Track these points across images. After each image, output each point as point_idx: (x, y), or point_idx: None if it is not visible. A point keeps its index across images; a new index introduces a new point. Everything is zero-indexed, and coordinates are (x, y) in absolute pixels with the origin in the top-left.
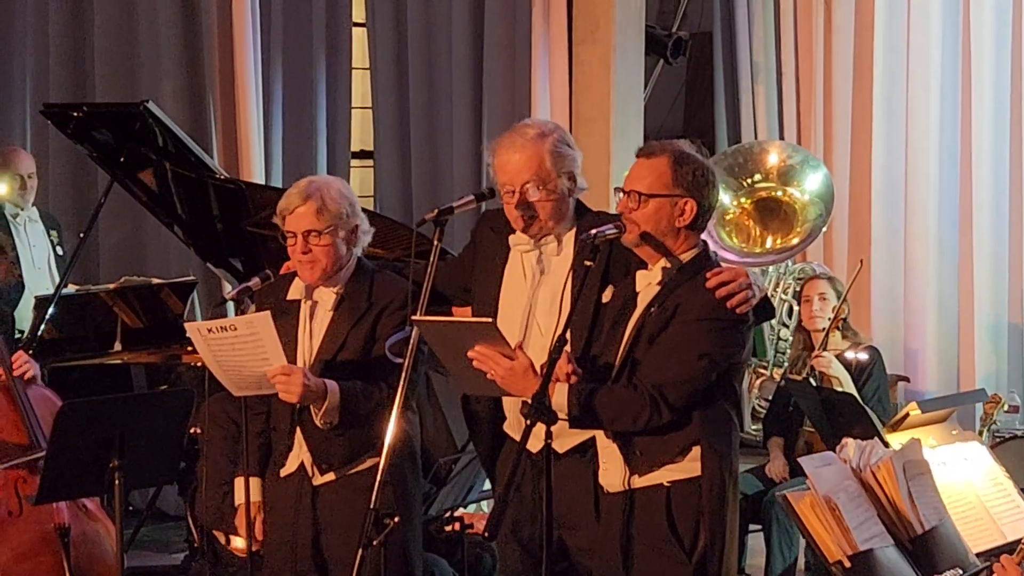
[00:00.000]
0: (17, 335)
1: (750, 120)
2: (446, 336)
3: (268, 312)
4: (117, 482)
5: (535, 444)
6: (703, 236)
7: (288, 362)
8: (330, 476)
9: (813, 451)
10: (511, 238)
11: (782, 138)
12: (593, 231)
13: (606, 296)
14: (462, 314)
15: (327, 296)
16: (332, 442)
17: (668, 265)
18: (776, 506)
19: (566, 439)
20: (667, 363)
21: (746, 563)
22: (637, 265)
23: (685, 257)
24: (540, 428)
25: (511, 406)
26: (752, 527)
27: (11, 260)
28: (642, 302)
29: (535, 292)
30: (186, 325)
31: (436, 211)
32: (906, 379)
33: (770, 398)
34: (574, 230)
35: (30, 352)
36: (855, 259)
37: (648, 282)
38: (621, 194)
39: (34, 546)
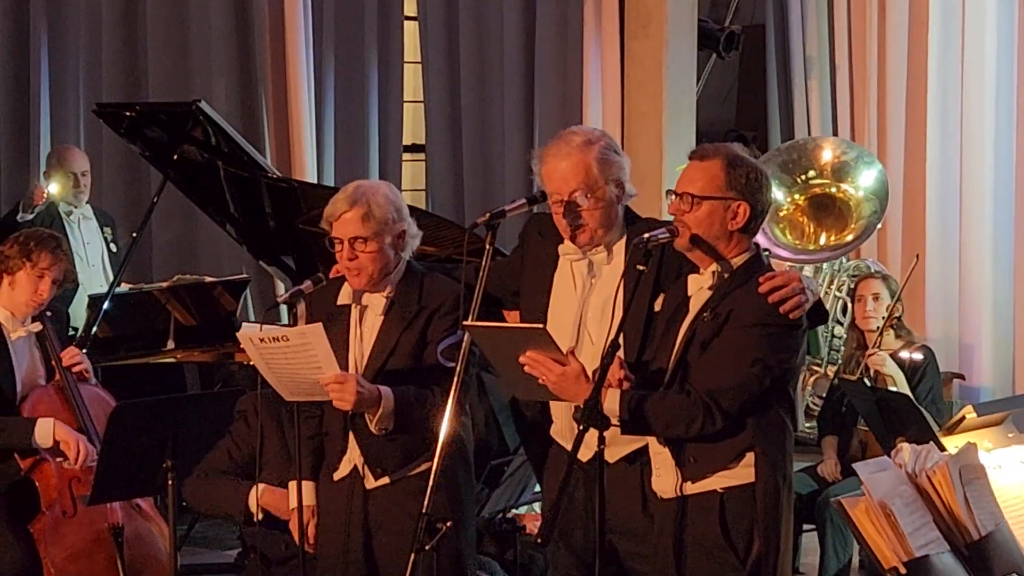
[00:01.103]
0: (71, 333)
1: (803, 115)
2: (498, 341)
3: (320, 324)
4: (170, 482)
5: (585, 453)
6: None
7: (339, 368)
8: (383, 480)
9: (867, 450)
10: (561, 247)
11: (835, 133)
12: (646, 235)
13: (659, 304)
14: (512, 317)
15: (377, 300)
16: (385, 446)
17: (720, 269)
18: (830, 507)
19: (616, 448)
20: (720, 369)
21: (800, 562)
22: (689, 270)
23: (737, 261)
24: (592, 436)
25: (559, 412)
26: (806, 527)
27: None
28: (694, 307)
29: (586, 300)
30: (239, 335)
31: (488, 215)
32: (961, 376)
33: (824, 395)
34: (624, 238)
35: (84, 351)
36: (909, 255)
37: (700, 286)
38: (673, 196)
39: (88, 546)
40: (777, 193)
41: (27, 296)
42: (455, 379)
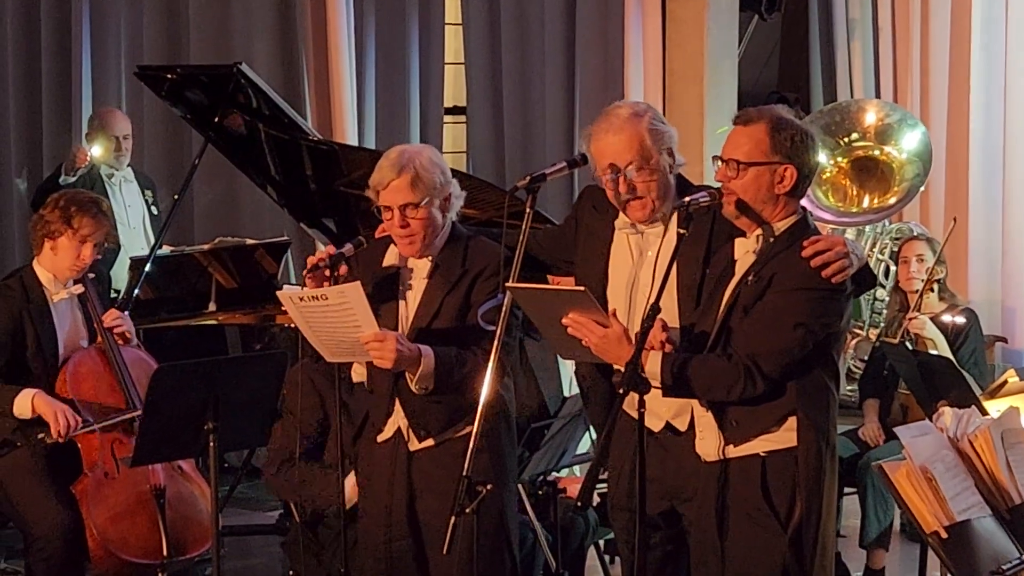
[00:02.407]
0: (113, 295)
1: (846, 77)
2: (540, 303)
3: (358, 282)
4: (212, 444)
5: (655, 423)
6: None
7: (378, 327)
8: (428, 442)
9: (909, 414)
10: (616, 222)
11: (878, 95)
12: (687, 199)
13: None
14: (563, 283)
15: (422, 263)
16: (430, 409)
17: (765, 233)
18: (871, 470)
19: (687, 416)
20: (762, 333)
21: (841, 525)
22: (737, 234)
23: (782, 225)
24: (661, 407)
25: None
26: (847, 490)
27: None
28: (739, 270)
29: (640, 270)
30: (279, 294)
31: (528, 178)
32: (1003, 340)
33: (865, 359)
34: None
35: (125, 313)
36: (952, 218)
37: (745, 250)
38: (719, 163)
39: (130, 507)
40: (819, 156)
41: (70, 261)
42: (495, 341)
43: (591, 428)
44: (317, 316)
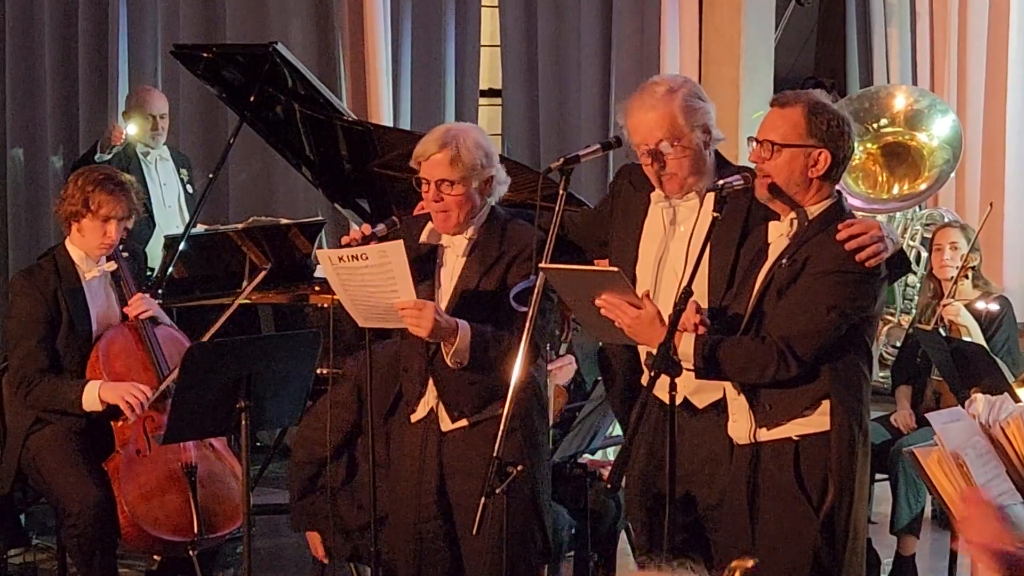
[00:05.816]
0: (147, 273)
1: (882, 63)
2: (573, 283)
3: (401, 241)
4: (244, 423)
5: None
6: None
7: (414, 294)
8: (461, 423)
9: (941, 401)
10: (652, 195)
11: (915, 81)
12: (720, 182)
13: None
14: (601, 266)
15: (458, 242)
16: (463, 389)
17: (798, 216)
18: (903, 457)
19: (706, 394)
20: (795, 316)
21: (872, 512)
22: (772, 217)
23: (816, 209)
24: (678, 382)
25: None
26: (878, 476)
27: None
28: (772, 253)
29: (671, 244)
30: (317, 252)
31: (562, 160)
32: None
33: (898, 345)
34: None
35: (160, 292)
36: (987, 204)
37: (779, 233)
38: (754, 143)
39: (161, 484)
40: (854, 142)
41: (97, 241)
42: (527, 323)
43: None
44: (354, 278)
